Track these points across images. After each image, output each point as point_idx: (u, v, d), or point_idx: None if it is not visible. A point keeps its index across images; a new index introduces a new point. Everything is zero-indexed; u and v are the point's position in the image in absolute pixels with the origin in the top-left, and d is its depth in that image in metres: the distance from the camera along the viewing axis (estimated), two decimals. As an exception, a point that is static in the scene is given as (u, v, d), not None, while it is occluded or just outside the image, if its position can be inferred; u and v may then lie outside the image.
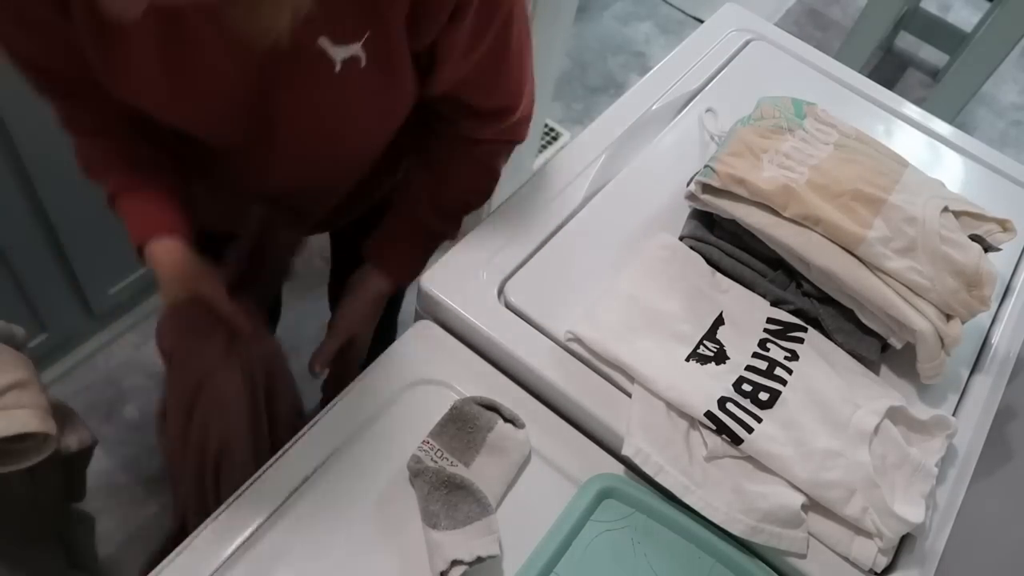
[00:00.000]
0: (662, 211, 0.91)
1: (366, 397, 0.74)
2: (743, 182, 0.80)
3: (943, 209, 0.81)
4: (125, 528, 1.48)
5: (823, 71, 1.14)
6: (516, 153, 0.90)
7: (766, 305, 0.83)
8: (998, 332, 0.91)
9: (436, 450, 0.69)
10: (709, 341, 0.78)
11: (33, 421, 0.72)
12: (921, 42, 2.89)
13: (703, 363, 0.76)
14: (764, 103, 0.93)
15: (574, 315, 0.78)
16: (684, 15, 2.79)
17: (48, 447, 0.74)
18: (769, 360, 0.77)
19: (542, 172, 0.93)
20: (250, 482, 0.68)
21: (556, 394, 0.76)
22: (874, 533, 0.69)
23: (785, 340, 0.79)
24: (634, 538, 0.69)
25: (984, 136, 2.73)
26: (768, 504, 0.68)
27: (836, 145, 0.88)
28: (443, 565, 0.62)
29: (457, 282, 0.80)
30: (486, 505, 0.66)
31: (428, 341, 0.79)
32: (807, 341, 0.80)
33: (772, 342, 0.79)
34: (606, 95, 2.46)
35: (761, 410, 0.73)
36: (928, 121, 1.12)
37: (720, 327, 0.80)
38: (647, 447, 0.70)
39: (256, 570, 0.64)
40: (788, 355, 0.78)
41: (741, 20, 1.17)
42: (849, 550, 0.70)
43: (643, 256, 0.84)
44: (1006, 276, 0.97)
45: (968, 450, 0.79)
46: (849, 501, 0.69)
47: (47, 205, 1.29)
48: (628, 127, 0.98)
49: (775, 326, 0.81)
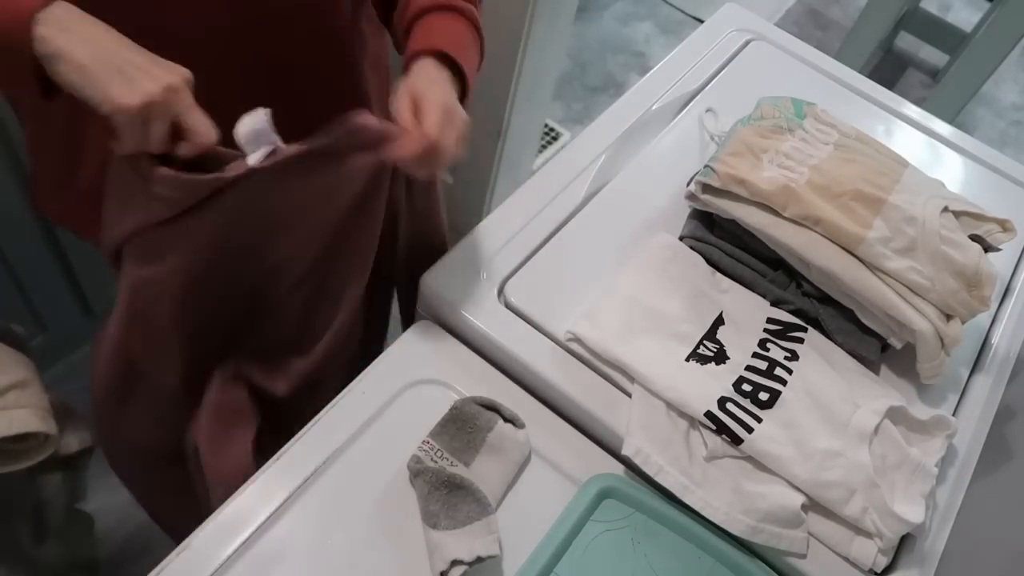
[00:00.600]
0: (662, 211, 0.91)
1: (366, 397, 0.74)
2: (743, 182, 0.80)
3: (943, 209, 0.81)
4: (125, 528, 1.48)
5: (823, 71, 1.14)
6: (516, 153, 0.89)
7: (766, 305, 0.83)
8: (998, 332, 0.91)
9: (436, 450, 0.69)
10: (709, 341, 0.78)
11: (33, 421, 0.72)
12: (921, 42, 2.89)
13: (703, 363, 0.76)
14: (764, 103, 0.93)
15: (574, 315, 0.78)
16: (684, 15, 2.79)
17: (48, 447, 0.75)
18: (769, 360, 0.77)
19: (542, 172, 0.93)
20: (250, 482, 0.68)
21: (556, 394, 0.76)
22: (874, 533, 0.69)
23: (785, 340, 0.79)
24: (634, 538, 0.69)
25: (984, 136, 2.73)
26: (768, 504, 0.68)
27: (836, 145, 0.88)
28: (443, 565, 0.62)
29: (457, 282, 0.80)
30: (486, 505, 0.66)
31: (428, 341, 0.79)
32: (807, 341, 0.80)
33: (772, 342, 0.79)
34: (606, 95, 2.46)
35: (761, 410, 0.73)
36: (928, 121, 1.12)
37: (720, 327, 0.80)
38: (647, 447, 0.70)
39: (256, 570, 0.64)
40: (788, 355, 0.78)
41: (741, 20, 1.18)
42: (849, 550, 0.70)
43: (643, 256, 0.84)
44: (1006, 276, 0.97)
45: (968, 450, 0.79)
46: (849, 501, 0.69)
47: (47, 205, 1.29)
48: (628, 127, 0.99)
49: (775, 326, 0.81)
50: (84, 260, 1.44)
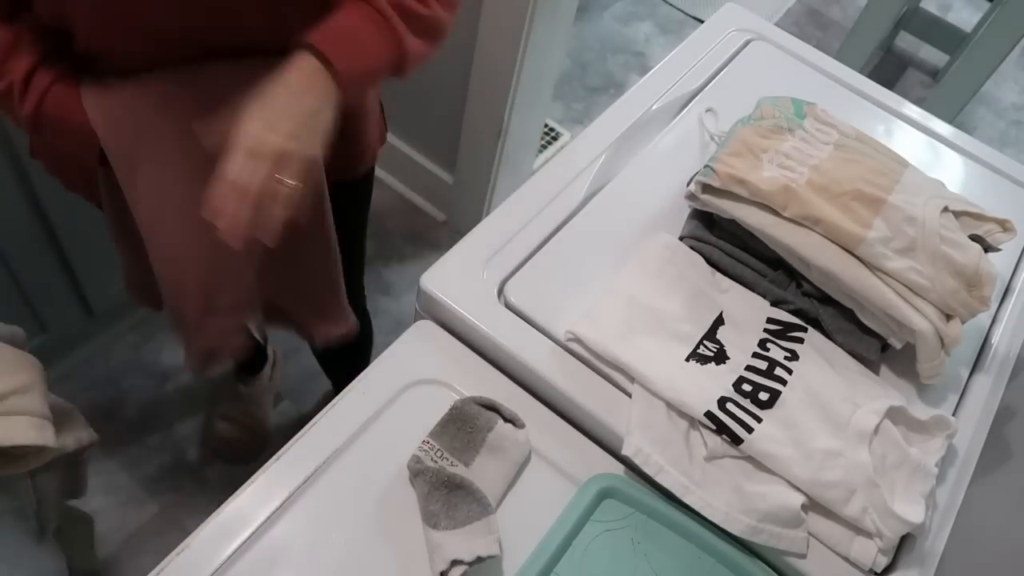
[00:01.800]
0: (662, 211, 0.91)
1: (366, 397, 0.74)
2: (743, 182, 0.80)
3: (943, 209, 0.81)
4: (125, 528, 1.48)
5: (823, 71, 1.14)
6: (516, 153, 0.89)
7: (766, 305, 0.83)
8: (998, 332, 0.91)
9: (436, 450, 0.69)
10: (709, 341, 0.78)
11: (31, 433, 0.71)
12: (921, 42, 2.89)
13: (703, 363, 0.76)
14: (764, 103, 0.93)
15: (574, 315, 0.78)
16: (684, 15, 2.79)
17: (45, 456, 0.74)
18: (769, 360, 0.77)
19: (542, 172, 0.93)
20: (250, 482, 0.68)
21: (556, 394, 0.76)
22: (874, 533, 0.69)
23: (785, 340, 0.79)
24: (634, 538, 0.69)
25: (984, 136, 2.73)
26: (768, 504, 0.68)
27: (836, 145, 0.88)
28: (443, 565, 0.62)
29: (457, 282, 0.80)
30: (486, 505, 0.66)
31: (428, 341, 0.79)
32: (807, 341, 0.80)
33: (772, 342, 0.79)
34: (606, 95, 2.46)
35: (761, 410, 0.73)
36: (928, 121, 1.12)
37: (720, 327, 0.80)
38: (647, 447, 0.70)
39: (256, 570, 0.64)
40: (788, 355, 0.78)
41: (741, 20, 1.18)
42: (849, 550, 0.70)
43: (643, 256, 0.84)
44: (1006, 276, 0.97)
45: (968, 450, 0.79)
46: (849, 501, 0.69)
47: (47, 205, 1.29)
48: (628, 127, 0.98)
49: (775, 326, 0.81)
50: (84, 260, 1.44)
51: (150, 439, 1.59)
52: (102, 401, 1.61)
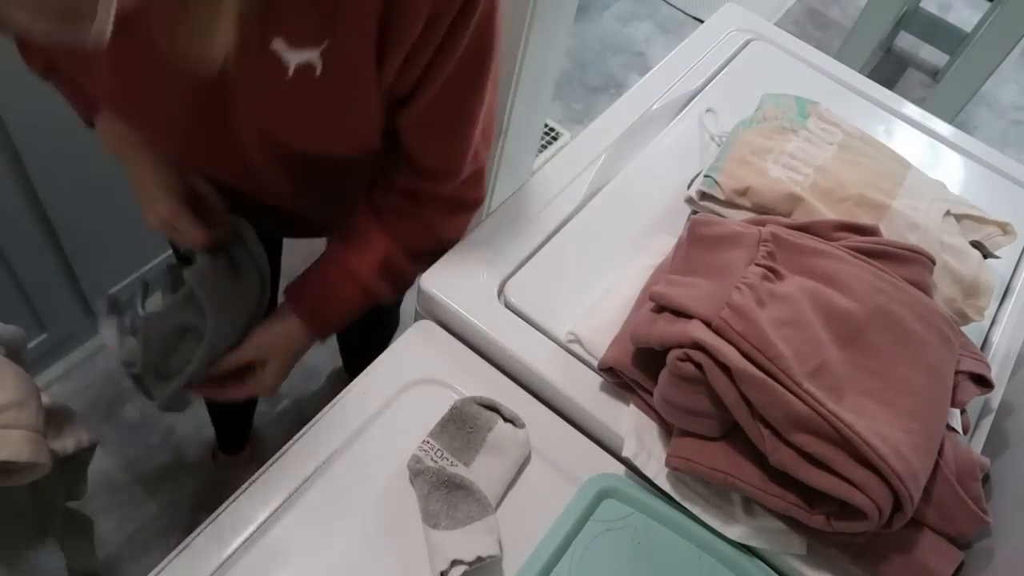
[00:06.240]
0: (662, 211, 0.91)
1: (366, 397, 0.74)
2: (747, 191, 0.80)
3: (945, 213, 0.81)
4: (125, 528, 1.48)
5: (823, 71, 1.14)
6: (516, 153, 0.89)
7: (766, 305, 0.82)
8: (998, 332, 0.91)
9: (436, 450, 0.69)
10: (709, 341, 0.78)
11: (26, 449, 0.70)
12: (921, 42, 2.89)
13: (703, 363, 0.76)
14: (767, 102, 0.93)
15: (574, 315, 0.78)
16: (684, 15, 2.79)
17: (38, 472, 0.73)
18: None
19: (542, 172, 0.93)
20: (250, 481, 0.68)
21: (556, 394, 0.76)
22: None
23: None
24: (634, 538, 0.69)
25: (984, 136, 2.73)
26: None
27: (840, 145, 0.88)
28: (443, 565, 0.62)
29: (457, 282, 0.80)
30: (486, 505, 0.66)
31: (428, 341, 0.79)
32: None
33: (772, 342, 0.79)
34: (606, 95, 2.46)
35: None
36: (928, 121, 1.12)
37: (720, 327, 0.80)
38: (647, 449, 0.70)
39: (256, 570, 0.64)
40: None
41: (741, 20, 1.18)
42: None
43: (644, 256, 0.84)
44: (1006, 277, 0.97)
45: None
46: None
47: (47, 205, 1.29)
48: (628, 127, 0.99)
49: (775, 326, 0.80)
50: (84, 260, 1.44)
51: (150, 439, 1.59)
52: (102, 401, 1.61)
